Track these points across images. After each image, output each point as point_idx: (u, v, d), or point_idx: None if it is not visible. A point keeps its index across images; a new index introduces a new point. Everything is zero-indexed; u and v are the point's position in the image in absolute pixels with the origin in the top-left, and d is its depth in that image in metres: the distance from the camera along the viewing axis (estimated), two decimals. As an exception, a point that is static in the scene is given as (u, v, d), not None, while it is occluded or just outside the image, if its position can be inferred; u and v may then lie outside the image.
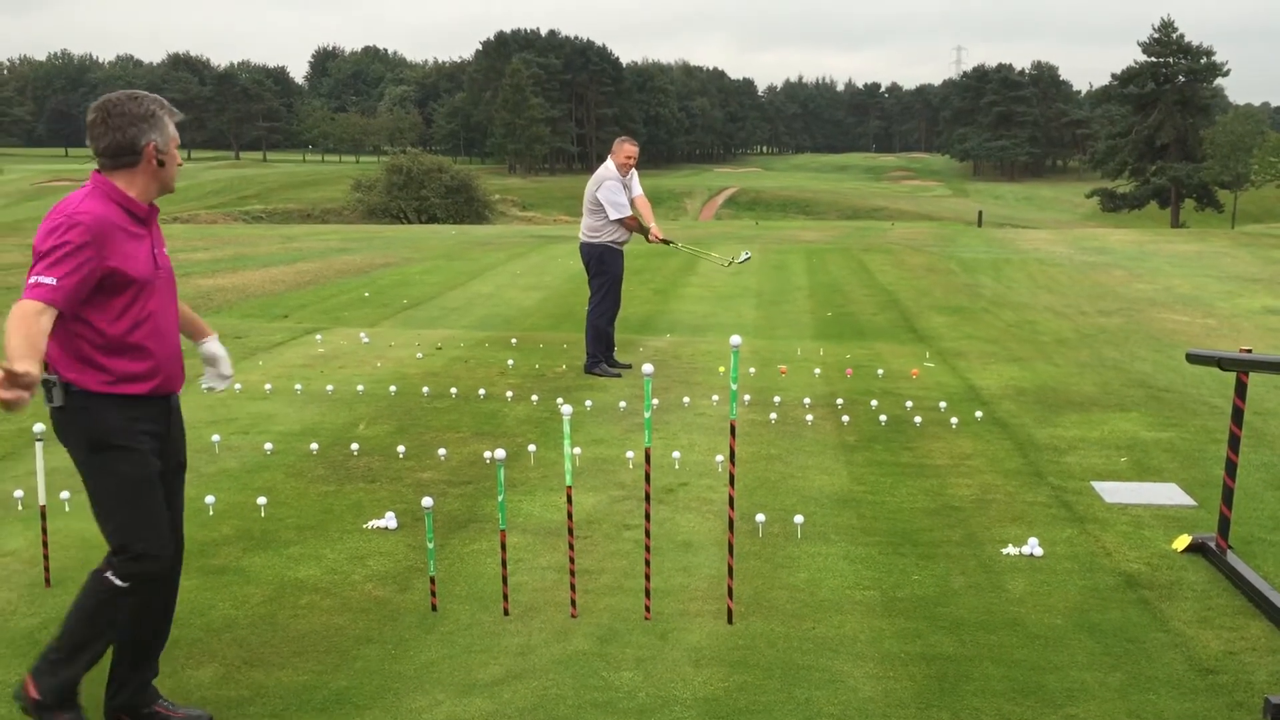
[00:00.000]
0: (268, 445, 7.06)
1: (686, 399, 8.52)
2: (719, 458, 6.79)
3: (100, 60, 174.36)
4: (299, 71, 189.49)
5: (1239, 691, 3.91)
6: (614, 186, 9.42)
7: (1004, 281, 18.27)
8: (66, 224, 3.24)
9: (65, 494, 5.86)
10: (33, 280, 3.21)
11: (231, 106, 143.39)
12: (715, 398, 8.59)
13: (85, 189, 3.39)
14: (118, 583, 3.44)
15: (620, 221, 9.48)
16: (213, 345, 3.91)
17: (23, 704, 3.51)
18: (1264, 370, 5.03)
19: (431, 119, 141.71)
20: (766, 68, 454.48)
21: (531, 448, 6.95)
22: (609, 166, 9.58)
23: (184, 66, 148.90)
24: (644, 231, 9.73)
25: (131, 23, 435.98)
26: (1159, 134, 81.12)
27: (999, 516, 5.85)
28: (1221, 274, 20.14)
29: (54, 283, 3.17)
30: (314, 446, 7.04)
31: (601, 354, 9.70)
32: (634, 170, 9.72)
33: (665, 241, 10.02)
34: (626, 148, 9.62)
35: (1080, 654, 4.22)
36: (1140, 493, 6.26)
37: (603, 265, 9.60)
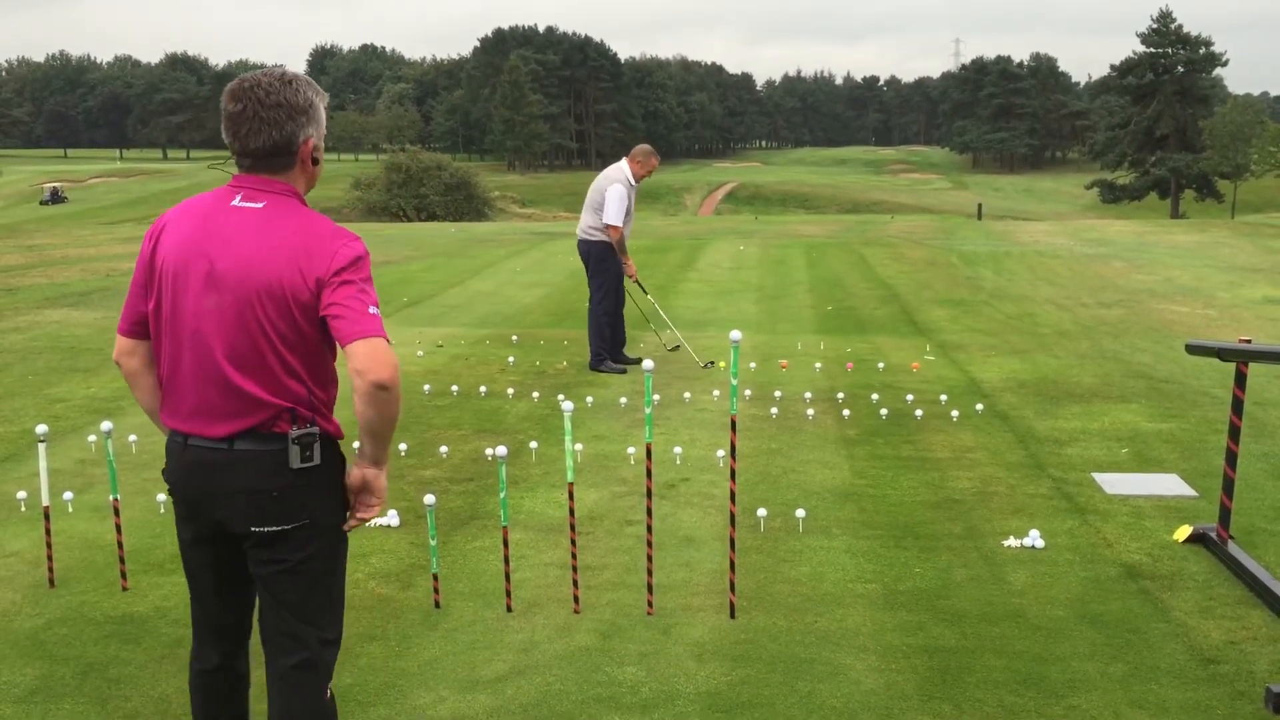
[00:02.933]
0: (270, 444, 7.06)
1: (687, 394, 8.53)
2: (720, 453, 6.80)
3: (98, 61, 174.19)
4: (297, 70, 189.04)
5: (1240, 681, 3.92)
6: (622, 193, 9.37)
7: (1004, 274, 18.27)
8: (364, 247, 2.75)
9: (68, 495, 5.87)
10: (374, 310, 2.68)
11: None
12: (716, 393, 8.60)
13: (294, 203, 2.77)
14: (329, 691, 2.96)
15: (608, 226, 9.44)
16: None
17: None
18: (1263, 360, 5.04)
19: (430, 116, 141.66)
20: (765, 62, 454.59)
21: (533, 444, 6.97)
22: (623, 169, 9.52)
23: (182, 66, 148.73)
24: (621, 250, 9.59)
25: (129, 23, 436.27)
26: (1158, 125, 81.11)
27: (1000, 509, 5.86)
28: (1222, 264, 20.13)
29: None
30: (316, 445, 7.03)
31: (606, 350, 9.71)
32: None
33: (635, 280, 9.96)
34: (653, 160, 9.62)
35: (1082, 645, 4.23)
36: (1141, 484, 6.27)
37: (603, 264, 9.59)
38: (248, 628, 3.05)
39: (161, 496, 5.92)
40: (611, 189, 9.39)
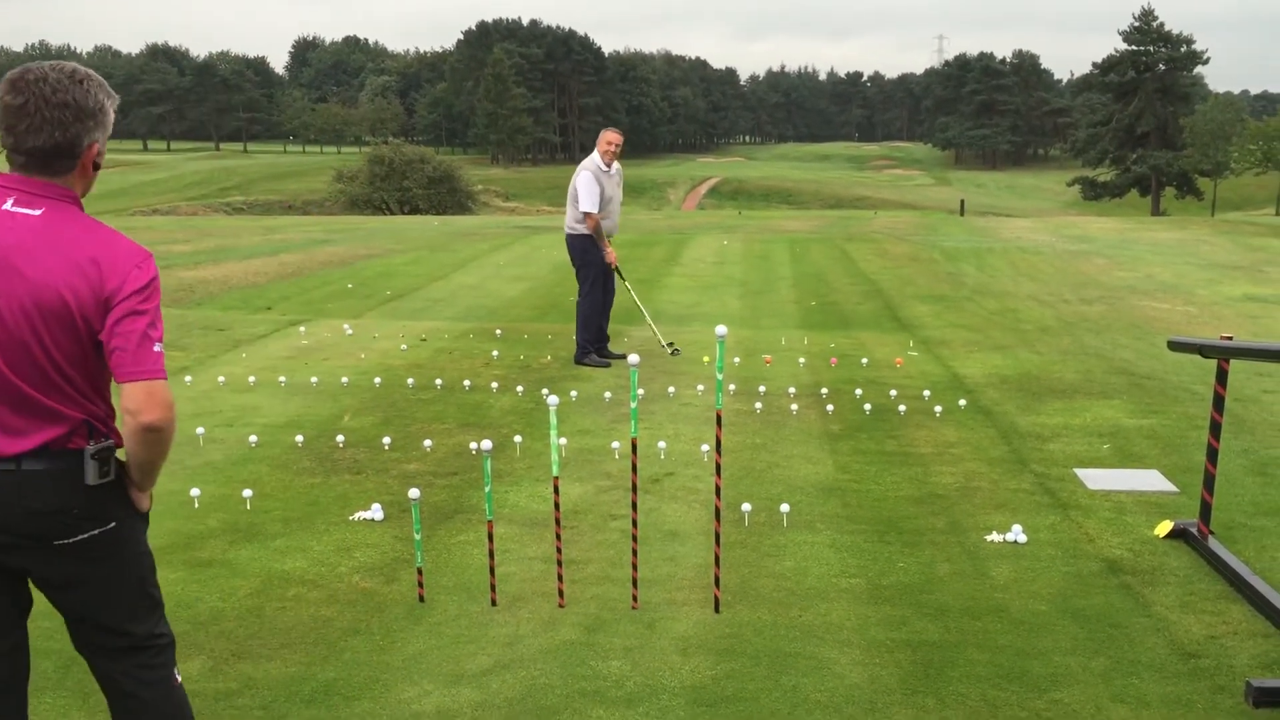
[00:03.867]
0: (252, 438, 7.04)
1: (672, 389, 8.53)
2: (704, 447, 6.80)
3: (78, 51, 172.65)
4: (279, 62, 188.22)
5: (1221, 675, 3.95)
6: (589, 179, 9.39)
7: (986, 270, 18.34)
8: (155, 268, 2.64)
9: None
10: (158, 348, 2.55)
11: (211, 97, 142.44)
12: (700, 387, 8.60)
13: (74, 210, 2.59)
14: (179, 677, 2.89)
15: (585, 215, 9.43)
16: None
17: None
18: (1245, 357, 5.07)
19: (413, 109, 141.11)
20: (750, 57, 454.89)
21: (517, 439, 6.96)
22: (592, 157, 9.58)
23: (163, 57, 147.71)
24: (599, 237, 9.57)
25: (109, 12, 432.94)
26: (1139, 122, 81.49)
27: (983, 504, 5.88)
28: (1202, 262, 20.26)
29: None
30: (299, 439, 7.02)
31: (592, 344, 9.71)
32: (618, 164, 9.68)
33: (615, 268, 9.94)
34: (608, 135, 9.58)
35: (1064, 639, 4.25)
36: (1122, 479, 6.31)
37: (586, 256, 9.59)
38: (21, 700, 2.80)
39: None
40: (580, 178, 9.43)
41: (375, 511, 5.65)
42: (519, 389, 8.56)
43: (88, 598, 2.68)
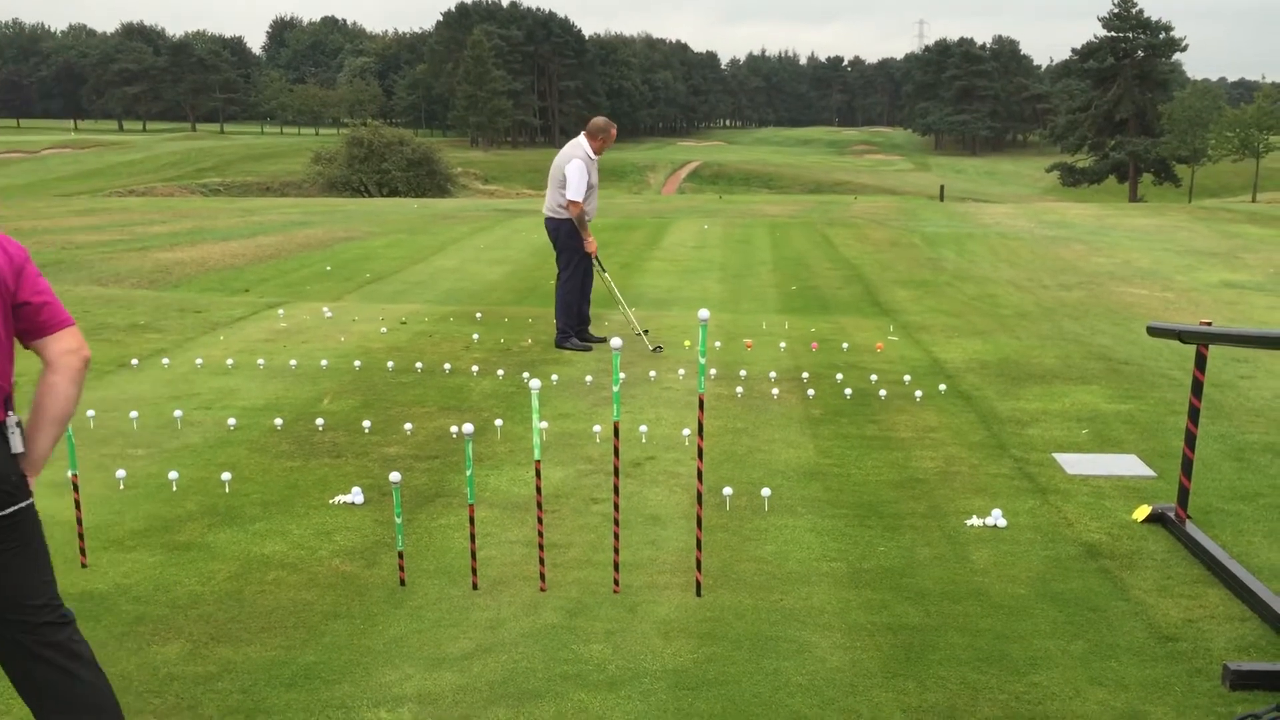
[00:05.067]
0: (231, 420, 7.00)
1: (653, 373, 8.52)
2: (685, 431, 6.80)
3: (53, 29, 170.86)
4: (256, 42, 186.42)
5: (1198, 658, 3.98)
6: (581, 167, 9.30)
7: (966, 255, 18.39)
8: None
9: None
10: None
11: (187, 77, 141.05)
12: (681, 371, 8.60)
13: None
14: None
15: (569, 202, 9.34)
16: None
17: None
18: (1224, 343, 5.09)
19: (392, 91, 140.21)
20: (731, 41, 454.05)
21: (498, 422, 6.94)
22: (581, 144, 9.45)
23: (138, 36, 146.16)
24: (582, 226, 9.45)
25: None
26: (1118, 109, 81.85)
27: (963, 488, 5.91)
28: (1179, 248, 20.37)
29: None
30: (278, 422, 6.98)
31: (572, 328, 9.68)
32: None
33: (594, 257, 9.83)
34: (612, 133, 9.46)
35: (1043, 623, 4.28)
36: (1101, 464, 6.35)
37: (570, 241, 9.54)
38: None
39: (121, 473, 5.84)
40: (571, 165, 9.34)
41: (355, 495, 5.62)
42: (500, 372, 8.54)
43: (19, 571, 2.74)
